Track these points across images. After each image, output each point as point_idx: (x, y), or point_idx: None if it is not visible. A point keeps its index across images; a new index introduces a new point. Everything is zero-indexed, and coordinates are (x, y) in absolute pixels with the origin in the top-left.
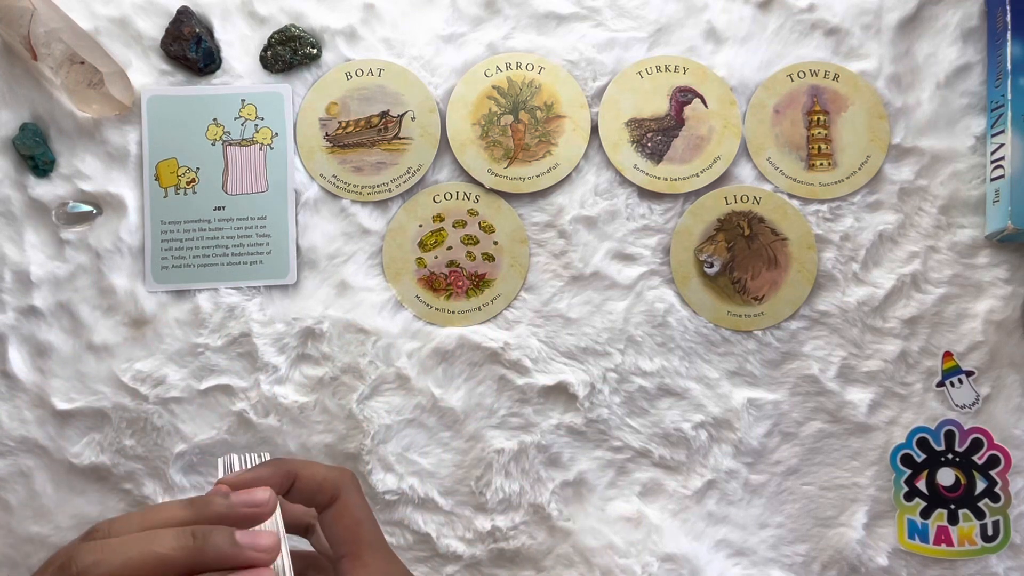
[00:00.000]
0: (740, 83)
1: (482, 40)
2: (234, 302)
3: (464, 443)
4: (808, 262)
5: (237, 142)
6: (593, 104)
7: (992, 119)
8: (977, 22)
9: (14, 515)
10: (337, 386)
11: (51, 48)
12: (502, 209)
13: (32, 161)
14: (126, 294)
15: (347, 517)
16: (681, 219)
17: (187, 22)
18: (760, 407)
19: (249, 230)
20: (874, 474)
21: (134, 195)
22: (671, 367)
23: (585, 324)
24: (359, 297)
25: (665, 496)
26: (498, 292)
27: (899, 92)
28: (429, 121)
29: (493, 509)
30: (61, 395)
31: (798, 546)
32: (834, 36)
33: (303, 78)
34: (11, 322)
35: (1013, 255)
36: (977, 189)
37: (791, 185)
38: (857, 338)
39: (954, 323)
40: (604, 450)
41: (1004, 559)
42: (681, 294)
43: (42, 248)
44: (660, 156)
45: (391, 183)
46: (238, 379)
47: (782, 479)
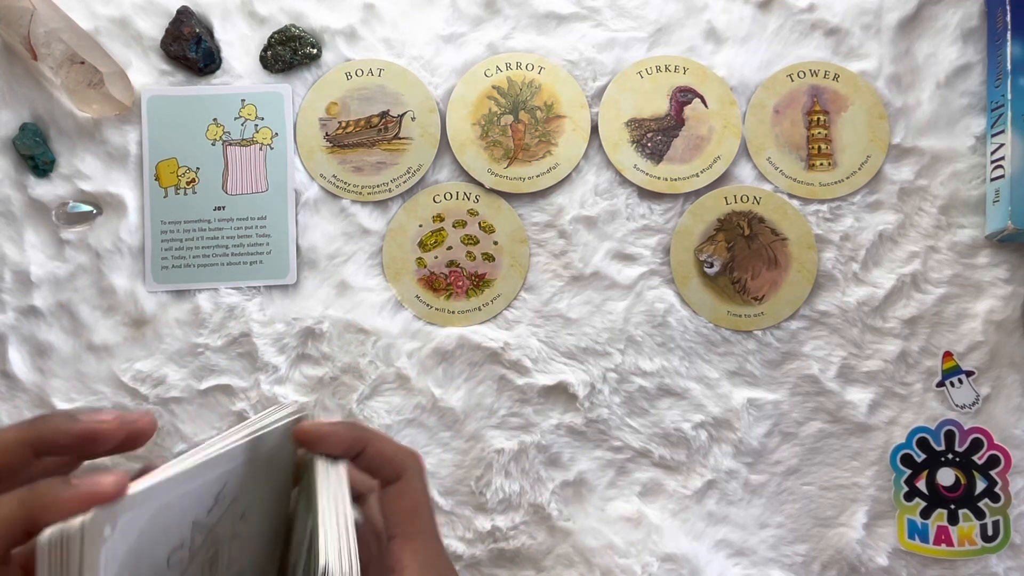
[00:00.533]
0: (740, 83)
1: (482, 40)
2: (234, 302)
3: (464, 443)
4: (808, 262)
5: (237, 142)
6: (593, 104)
7: (992, 119)
8: (977, 22)
9: None
10: (337, 386)
11: (51, 48)
12: (502, 209)
13: (32, 161)
14: (126, 294)
15: (407, 498)
16: (681, 219)
17: (187, 22)
18: (760, 407)
19: (249, 230)
20: (874, 474)
21: (134, 195)
22: (671, 367)
23: (585, 324)
24: (359, 297)
25: (665, 496)
26: (498, 292)
27: (899, 92)
28: (429, 121)
29: (493, 509)
30: (61, 395)
31: (798, 546)
32: (834, 36)
33: (303, 78)
34: (11, 322)
35: (1013, 255)
36: (977, 189)
37: (791, 185)
38: (857, 338)
39: (954, 323)
40: (604, 450)
41: (1004, 559)
42: (681, 294)
43: (42, 248)
44: (660, 156)
45: (391, 183)
46: (238, 379)
47: (782, 479)
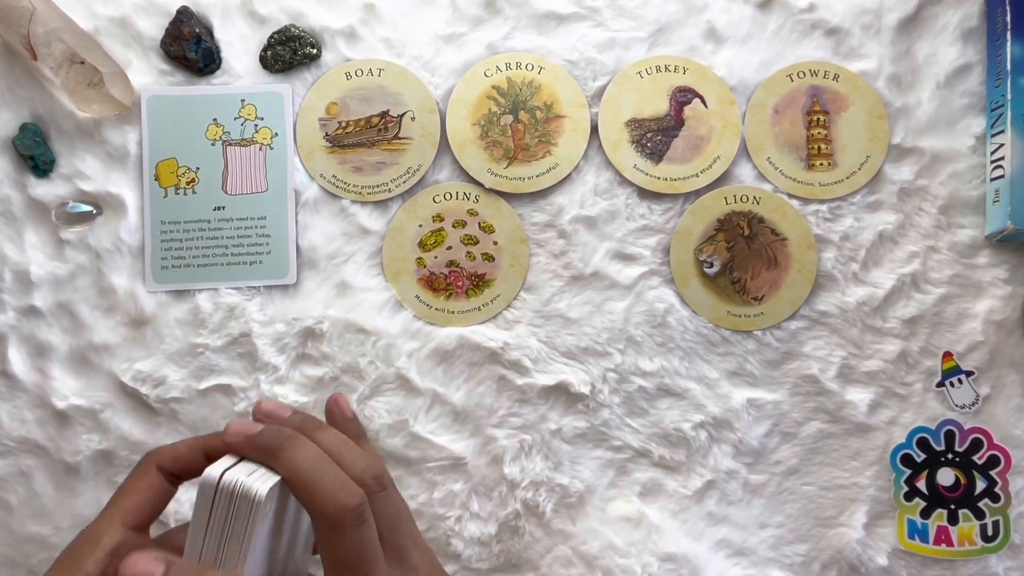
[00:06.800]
0: (740, 83)
1: (482, 40)
2: (234, 302)
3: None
4: (808, 262)
5: (237, 142)
6: (593, 104)
7: (992, 119)
8: (977, 22)
9: (14, 515)
10: (337, 386)
11: (51, 48)
12: (502, 209)
13: (32, 161)
14: (126, 294)
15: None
16: (681, 219)
17: (187, 22)
18: (760, 407)
19: (249, 230)
20: (874, 474)
21: (134, 195)
22: (671, 367)
23: (585, 324)
24: (359, 297)
25: (665, 496)
26: (498, 292)
27: (899, 92)
28: (429, 121)
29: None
30: (61, 395)
31: (798, 546)
32: (834, 36)
33: (303, 78)
34: (11, 322)
35: (1013, 255)
36: (977, 189)
37: (791, 185)
38: (857, 338)
39: (954, 323)
40: (604, 450)
41: (1004, 559)
42: (681, 294)
43: (42, 248)
44: (660, 156)
45: (391, 183)
46: (238, 379)
47: (782, 479)
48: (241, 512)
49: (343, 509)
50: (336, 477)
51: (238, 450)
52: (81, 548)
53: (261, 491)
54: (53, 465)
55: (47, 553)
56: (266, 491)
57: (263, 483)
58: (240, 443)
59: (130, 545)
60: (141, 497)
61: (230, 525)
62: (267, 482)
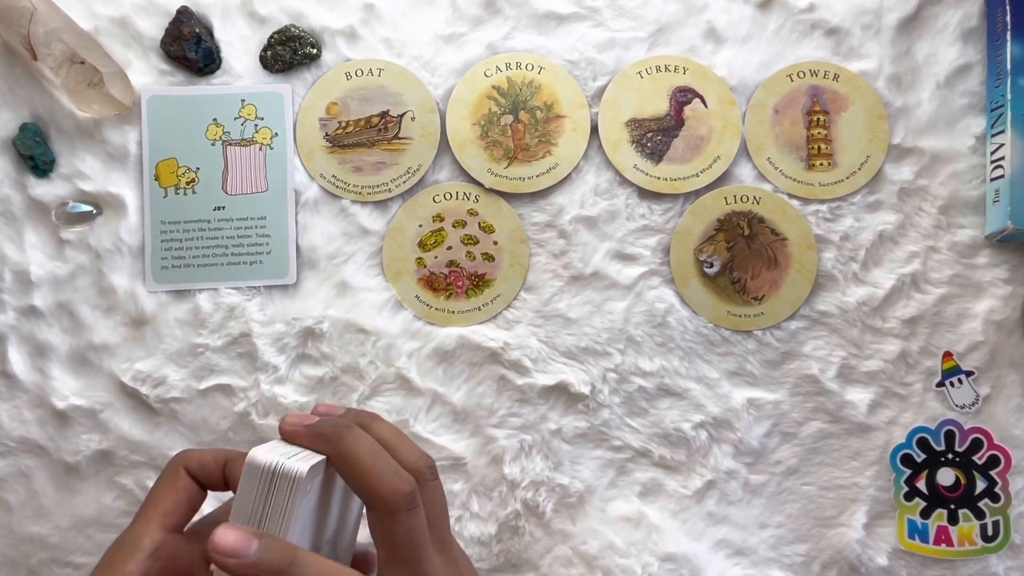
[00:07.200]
0: (740, 83)
1: (482, 40)
2: (234, 302)
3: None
4: (808, 262)
5: (237, 142)
6: (593, 104)
7: (992, 119)
8: (977, 22)
9: (14, 515)
10: (337, 386)
11: (51, 48)
12: (502, 209)
13: (32, 161)
14: (126, 294)
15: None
16: (681, 219)
17: (187, 22)
18: (760, 407)
19: (249, 230)
20: (874, 474)
21: (134, 195)
22: (671, 367)
23: (585, 324)
24: (359, 297)
25: (665, 496)
26: (498, 292)
27: (899, 92)
28: (429, 121)
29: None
30: (61, 395)
31: (798, 546)
32: (834, 36)
33: (303, 78)
34: (11, 322)
35: (1013, 255)
36: (977, 189)
37: (791, 185)
38: (857, 338)
39: (954, 323)
40: (604, 450)
41: (1004, 559)
42: (681, 294)
43: (42, 248)
44: (660, 156)
45: (391, 183)
46: (238, 379)
47: (782, 479)
48: (281, 490)
49: (397, 495)
50: (390, 464)
51: (295, 439)
52: (121, 551)
53: (302, 469)
54: (53, 465)
55: (47, 553)
56: (307, 469)
57: (305, 463)
58: (297, 432)
59: (169, 546)
60: (177, 498)
61: (271, 502)
62: (309, 461)
